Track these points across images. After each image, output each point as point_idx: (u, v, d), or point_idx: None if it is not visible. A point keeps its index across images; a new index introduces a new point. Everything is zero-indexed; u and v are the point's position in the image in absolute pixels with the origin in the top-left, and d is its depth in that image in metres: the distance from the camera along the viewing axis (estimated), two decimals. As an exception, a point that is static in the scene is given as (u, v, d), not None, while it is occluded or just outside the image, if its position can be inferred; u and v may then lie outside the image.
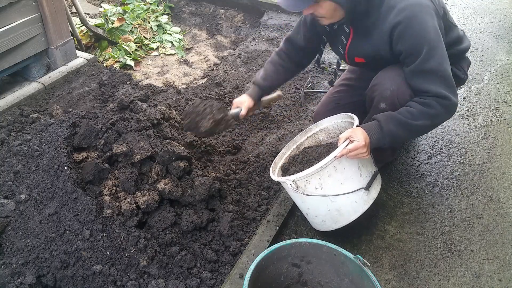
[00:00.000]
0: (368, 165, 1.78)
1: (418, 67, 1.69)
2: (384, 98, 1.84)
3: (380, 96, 1.86)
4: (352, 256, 1.48)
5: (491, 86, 3.02)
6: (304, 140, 2.06)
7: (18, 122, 2.53)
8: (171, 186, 1.88)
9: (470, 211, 2.08)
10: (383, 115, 1.74)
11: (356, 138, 1.65)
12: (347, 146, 1.64)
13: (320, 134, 2.04)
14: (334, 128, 2.01)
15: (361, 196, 1.73)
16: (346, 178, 1.69)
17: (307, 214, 1.87)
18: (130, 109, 2.35)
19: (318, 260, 1.58)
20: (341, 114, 1.95)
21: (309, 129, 2.04)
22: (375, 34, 1.78)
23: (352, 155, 1.64)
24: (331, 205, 1.73)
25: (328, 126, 2.02)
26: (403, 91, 1.79)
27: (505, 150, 2.46)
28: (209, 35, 4.05)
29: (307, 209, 1.82)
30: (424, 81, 1.71)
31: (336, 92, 2.32)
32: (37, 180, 1.90)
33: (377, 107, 1.89)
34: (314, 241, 1.54)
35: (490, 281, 1.76)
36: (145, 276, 1.69)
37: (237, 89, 3.11)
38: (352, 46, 1.91)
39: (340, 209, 1.74)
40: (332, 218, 1.77)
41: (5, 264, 1.73)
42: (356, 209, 1.74)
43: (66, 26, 3.01)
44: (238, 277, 1.68)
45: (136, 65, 3.48)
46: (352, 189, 1.70)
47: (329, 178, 1.67)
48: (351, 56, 1.96)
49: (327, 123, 2.03)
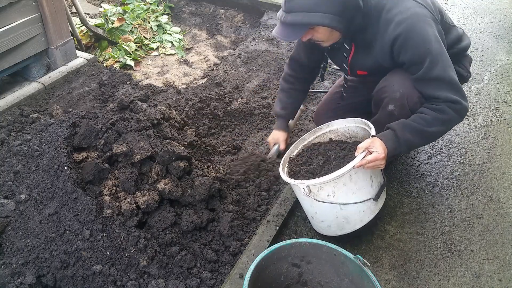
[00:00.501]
0: (378, 176, 1.81)
1: (423, 76, 1.70)
2: (394, 100, 1.84)
3: (390, 98, 1.86)
4: (352, 256, 1.48)
5: (491, 86, 3.02)
6: (312, 139, 2.05)
7: (18, 122, 2.53)
8: (171, 186, 1.88)
9: (470, 211, 2.08)
10: (397, 124, 1.74)
11: (375, 149, 1.65)
12: (365, 156, 1.64)
13: (329, 134, 2.03)
14: (344, 131, 2.00)
15: (369, 206, 1.75)
16: (359, 188, 1.71)
17: (312, 218, 1.87)
18: (130, 109, 2.35)
19: (318, 260, 1.59)
20: (355, 119, 1.94)
21: (319, 129, 2.04)
22: (376, 47, 1.79)
23: (371, 166, 1.65)
24: (340, 213, 1.74)
25: (339, 128, 2.01)
26: (412, 93, 1.79)
27: (505, 150, 2.46)
28: (209, 35, 4.05)
29: (314, 213, 1.82)
30: (432, 88, 1.72)
31: (337, 92, 2.31)
32: (37, 180, 1.90)
33: (386, 109, 1.89)
34: (314, 241, 1.54)
35: (490, 281, 1.76)
36: (145, 276, 1.69)
37: (237, 89, 3.11)
38: (354, 60, 1.92)
39: (348, 217, 1.76)
40: (338, 225, 1.79)
41: (5, 264, 1.73)
42: (363, 219, 1.77)
43: (66, 26, 3.01)
44: (238, 277, 1.68)
45: (136, 65, 3.48)
46: (363, 199, 1.73)
47: (343, 187, 1.68)
48: (354, 70, 1.98)
49: (338, 125, 2.01)
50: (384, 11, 1.72)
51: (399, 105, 1.83)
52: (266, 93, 3.02)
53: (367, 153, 1.65)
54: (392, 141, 1.70)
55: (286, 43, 3.63)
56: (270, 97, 2.98)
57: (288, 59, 2.23)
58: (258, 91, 3.07)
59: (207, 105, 2.82)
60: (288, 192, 2.08)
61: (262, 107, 2.85)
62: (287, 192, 2.09)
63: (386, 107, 1.88)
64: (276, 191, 2.19)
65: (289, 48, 3.55)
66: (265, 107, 2.85)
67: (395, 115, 1.86)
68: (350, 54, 1.91)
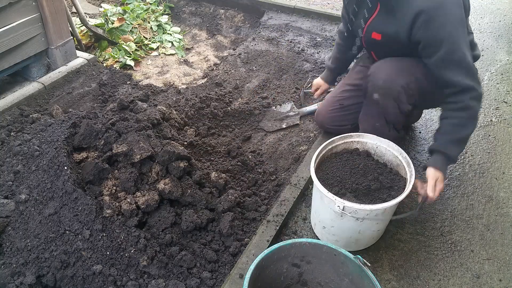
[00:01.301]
0: None
1: (444, 58, 1.68)
2: (377, 87, 1.86)
3: (372, 85, 1.88)
4: (352, 256, 1.47)
5: (491, 86, 3.02)
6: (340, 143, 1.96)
7: (18, 122, 2.53)
8: (171, 186, 1.88)
9: (470, 211, 2.08)
10: (442, 145, 1.76)
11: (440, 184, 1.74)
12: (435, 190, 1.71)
13: (356, 144, 1.97)
14: (371, 147, 1.94)
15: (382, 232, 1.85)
16: (383, 220, 1.75)
17: (323, 227, 1.83)
18: (130, 109, 2.35)
19: (318, 260, 1.58)
20: (390, 143, 1.87)
21: (349, 135, 1.98)
22: (398, 15, 1.76)
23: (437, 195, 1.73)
24: (355, 236, 1.77)
25: (368, 142, 1.94)
26: (396, 81, 1.80)
27: (505, 150, 2.46)
28: (209, 35, 4.05)
29: (329, 226, 1.79)
30: (452, 73, 1.70)
31: (341, 92, 2.31)
32: (37, 180, 1.90)
33: (371, 98, 1.90)
34: (314, 241, 1.54)
35: (490, 281, 1.76)
36: (145, 276, 1.69)
37: (237, 89, 3.11)
38: (374, 22, 1.91)
39: (359, 240, 1.80)
40: (346, 243, 1.82)
41: (5, 264, 1.73)
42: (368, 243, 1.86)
43: (66, 26, 3.01)
44: (238, 277, 1.68)
45: (136, 65, 3.48)
46: (382, 228, 1.80)
47: (375, 217, 1.68)
48: (369, 31, 1.95)
49: (369, 139, 1.94)
50: None
51: (382, 94, 1.84)
52: (266, 93, 3.02)
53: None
54: (446, 165, 1.77)
55: (286, 43, 3.63)
56: (270, 97, 2.98)
57: None
58: (258, 91, 3.07)
59: (207, 105, 2.82)
60: (288, 192, 2.09)
61: (262, 107, 2.84)
62: (287, 192, 2.09)
63: (371, 96, 1.89)
64: (276, 191, 2.19)
65: (289, 48, 3.55)
66: (265, 107, 2.85)
67: (379, 103, 1.87)
68: (373, 14, 1.89)
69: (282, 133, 2.67)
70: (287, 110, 2.78)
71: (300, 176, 2.18)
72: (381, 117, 2.01)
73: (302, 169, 2.22)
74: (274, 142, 2.60)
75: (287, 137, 2.63)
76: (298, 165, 2.29)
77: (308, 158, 2.29)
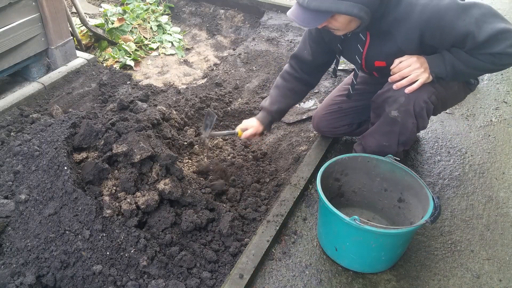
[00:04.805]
0: None
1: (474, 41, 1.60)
2: (397, 104, 1.75)
3: (393, 102, 1.76)
4: (383, 158, 1.81)
5: (491, 86, 3.02)
6: None
7: (18, 122, 2.53)
8: (171, 186, 1.88)
9: (470, 211, 2.08)
10: (446, 52, 1.67)
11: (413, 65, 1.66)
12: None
13: None
14: None
15: None
16: None
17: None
18: (130, 109, 2.35)
19: (353, 170, 1.90)
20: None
21: None
22: (396, 33, 1.69)
23: (407, 71, 1.67)
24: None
25: None
26: (419, 97, 1.70)
27: (505, 150, 2.46)
28: (209, 35, 4.06)
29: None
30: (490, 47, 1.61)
31: (339, 95, 2.25)
32: (37, 180, 1.90)
33: (388, 115, 1.80)
34: (351, 154, 1.88)
35: (490, 281, 1.76)
36: (145, 276, 1.69)
37: (237, 89, 3.11)
38: (371, 51, 1.82)
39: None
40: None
41: (5, 264, 1.73)
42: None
43: (66, 26, 3.01)
44: (238, 277, 1.68)
45: (136, 65, 3.48)
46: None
47: None
48: (370, 61, 1.86)
49: None
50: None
51: (404, 111, 1.74)
52: (266, 93, 3.02)
53: None
54: (435, 58, 1.66)
55: (286, 43, 3.63)
56: (270, 97, 2.98)
57: (289, 58, 2.12)
58: (258, 91, 3.07)
59: (207, 105, 2.82)
60: (288, 192, 2.08)
61: (262, 107, 2.85)
62: (287, 192, 2.09)
63: (389, 113, 1.78)
64: (275, 191, 2.19)
65: (289, 48, 3.55)
66: (265, 107, 2.85)
67: (398, 122, 1.78)
68: (366, 46, 1.81)
69: (282, 133, 2.67)
70: (309, 106, 2.78)
71: (300, 176, 2.18)
72: (393, 136, 1.88)
73: (302, 169, 2.22)
74: (274, 142, 2.60)
75: (287, 137, 2.63)
76: (298, 165, 2.29)
77: (308, 158, 2.29)
